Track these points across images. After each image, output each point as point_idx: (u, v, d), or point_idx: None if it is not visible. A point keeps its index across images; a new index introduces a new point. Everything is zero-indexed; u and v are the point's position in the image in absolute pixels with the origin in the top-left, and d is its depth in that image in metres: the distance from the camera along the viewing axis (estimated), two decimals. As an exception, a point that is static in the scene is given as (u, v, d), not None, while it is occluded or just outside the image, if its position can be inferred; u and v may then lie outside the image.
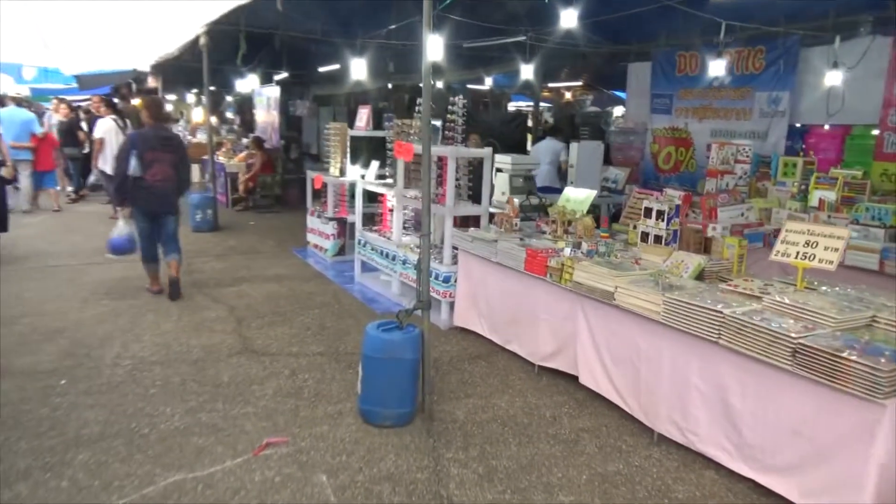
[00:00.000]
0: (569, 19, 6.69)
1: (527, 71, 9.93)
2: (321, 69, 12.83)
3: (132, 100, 13.27)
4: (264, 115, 14.00)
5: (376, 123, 8.25)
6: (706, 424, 3.40)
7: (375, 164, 7.32)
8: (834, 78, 7.07)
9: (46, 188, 11.28)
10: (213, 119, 15.56)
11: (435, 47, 7.06)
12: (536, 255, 4.49)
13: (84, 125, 12.48)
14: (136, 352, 4.83)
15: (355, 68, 9.15)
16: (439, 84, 12.80)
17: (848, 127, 7.53)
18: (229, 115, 19.99)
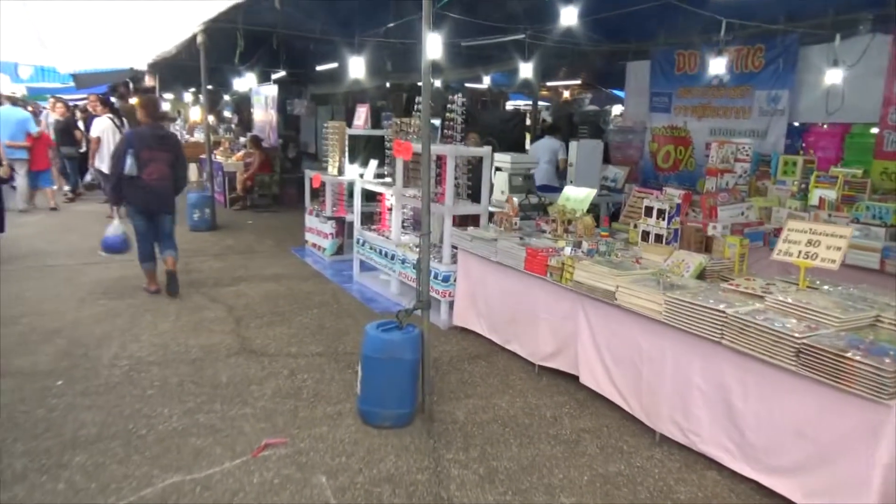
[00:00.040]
0: (568, 17, 6.67)
1: (525, 69, 9.89)
2: (319, 68, 12.78)
3: (131, 99, 13.21)
4: (262, 114, 13.97)
5: (374, 122, 8.23)
6: (708, 425, 3.38)
7: (374, 163, 7.29)
8: (834, 76, 7.06)
9: (42, 187, 11.25)
10: (211, 118, 15.55)
11: (434, 46, 7.03)
12: (537, 255, 4.47)
13: (80, 124, 12.44)
14: (134, 352, 4.80)
15: (353, 67, 9.13)
16: (437, 83, 12.75)
17: (847, 125, 7.52)
18: (227, 114, 19.96)
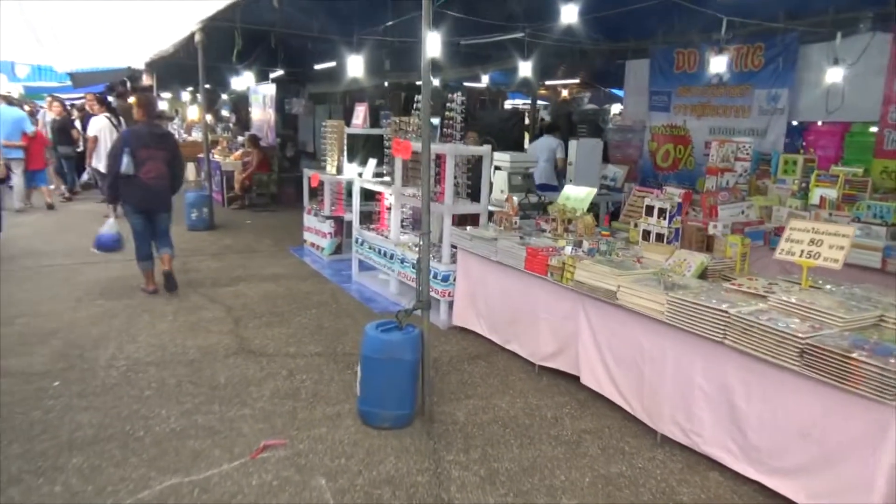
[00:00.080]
0: (568, 15, 6.65)
1: (524, 68, 9.85)
2: (317, 67, 12.75)
3: (129, 98, 13.17)
4: (260, 113, 13.93)
5: (373, 121, 8.19)
6: (710, 426, 3.36)
7: (373, 162, 7.26)
8: (834, 75, 7.04)
9: (38, 186, 11.22)
10: (209, 117, 15.50)
11: (433, 44, 6.99)
12: (537, 254, 4.44)
13: (78, 123, 12.39)
14: (131, 353, 4.76)
15: (352, 66, 9.08)
16: (436, 82, 12.72)
17: (847, 124, 7.50)
18: (225, 113, 19.90)
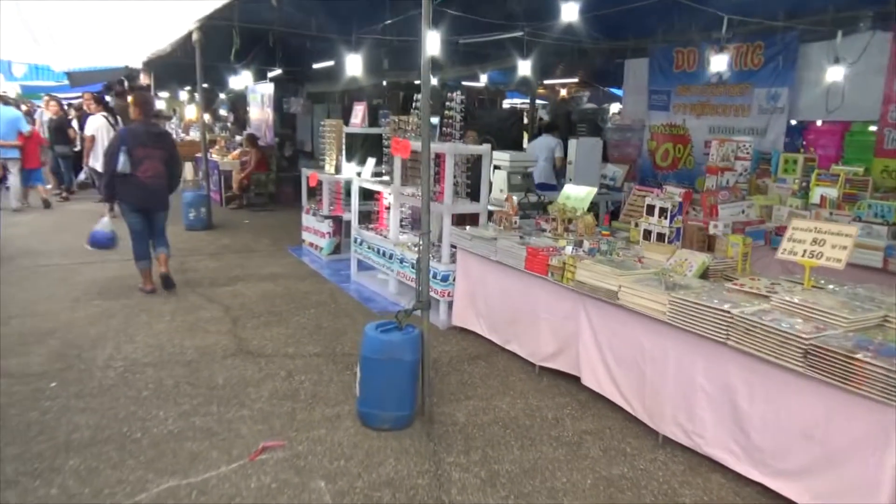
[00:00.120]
0: (568, 13, 6.62)
1: (523, 67, 9.83)
2: (316, 66, 12.73)
3: (128, 96, 13.14)
4: (258, 113, 13.89)
5: (372, 120, 8.16)
6: (713, 427, 3.33)
7: (371, 162, 7.22)
8: (835, 74, 7.02)
9: (34, 185, 11.19)
10: (207, 116, 15.46)
11: (433, 43, 6.96)
12: (537, 254, 4.41)
13: (75, 123, 12.34)
14: (129, 353, 4.73)
15: (350, 65, 9.05)
16: (434, 81, 12.69)
17: (847, 123, 7.48)
18: (223, 113, 19.87)
